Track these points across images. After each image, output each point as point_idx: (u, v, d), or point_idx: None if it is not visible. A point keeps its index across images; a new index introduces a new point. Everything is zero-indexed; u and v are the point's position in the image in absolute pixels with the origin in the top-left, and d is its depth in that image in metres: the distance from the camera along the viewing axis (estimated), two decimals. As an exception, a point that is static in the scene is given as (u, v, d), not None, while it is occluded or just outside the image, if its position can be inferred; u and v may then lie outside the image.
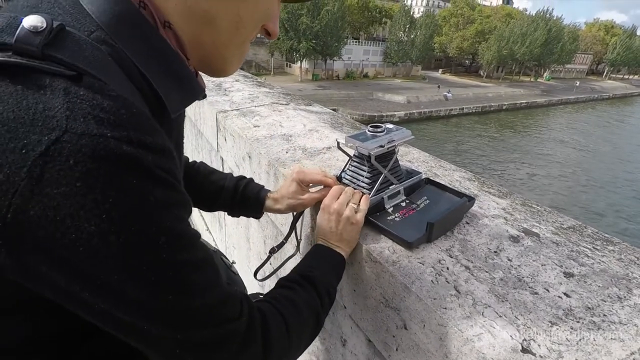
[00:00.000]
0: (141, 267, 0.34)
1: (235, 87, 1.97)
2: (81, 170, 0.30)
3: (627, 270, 0.64)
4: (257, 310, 0.48)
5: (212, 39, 0.46)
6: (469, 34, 47.80)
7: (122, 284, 0.34)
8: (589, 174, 21.64)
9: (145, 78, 0.41)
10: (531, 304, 0.55)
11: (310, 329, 0.58)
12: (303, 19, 33.48)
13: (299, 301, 0.56)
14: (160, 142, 0.36)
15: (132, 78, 0.39)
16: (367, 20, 48.81)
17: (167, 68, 0.43)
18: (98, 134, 0.31)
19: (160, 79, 0.42)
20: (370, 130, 0.78)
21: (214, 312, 0.41)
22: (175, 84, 0.44)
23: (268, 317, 0.49)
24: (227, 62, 0.50)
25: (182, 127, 0.57)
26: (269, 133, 1.26)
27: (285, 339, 0.51)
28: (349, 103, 30.79)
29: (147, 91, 0.42)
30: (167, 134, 0.39)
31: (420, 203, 0.79)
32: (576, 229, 0.76)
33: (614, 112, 45.01)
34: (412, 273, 0.61)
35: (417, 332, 0.58)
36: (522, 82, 53.91)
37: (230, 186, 0.82)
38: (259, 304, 0.52)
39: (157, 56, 0.42)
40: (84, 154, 0.30)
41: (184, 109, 0.49)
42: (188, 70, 0.46)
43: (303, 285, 0.59)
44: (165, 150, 0.37)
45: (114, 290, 0.34)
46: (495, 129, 30.45)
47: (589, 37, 71.00)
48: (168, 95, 0.43)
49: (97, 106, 0.32)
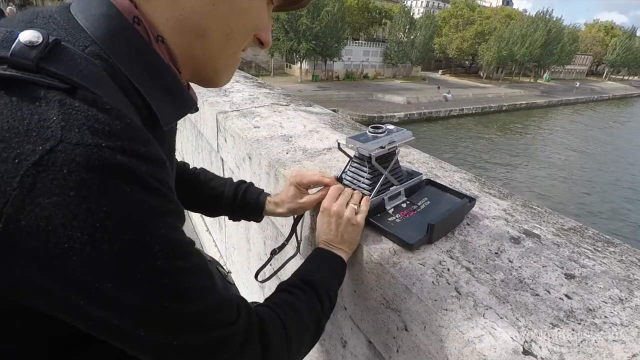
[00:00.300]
0: (136, 275, 0.34)
1: (235, 88, 1.97)
2: (75, 179, 0.30)
3: (629, 271, 0.64)
4: (255, 315, 0.48)
5: (203, 51, 0.47)
6: (469, 35, 47.84)
7: (117, 292, 0.34)
8: (589, 175, 21.64)
9: (138, 92, 0.42)
10: (532, 305, 0.55)
11: (310, 333, 0.58)
12: (303, 19, 33.52)
13: (300, 306, 0.56)
14: (153, 152, 0.37)
15: (126, 92, 0.40)
16: (367, 21, 48.87)
17: (160, 82, 0.44)
18: (93, 143, 0.31)
19: (154, 93, 0.43)
20: (370, 131, 0.78)
21: (210, 317, 0.41)
22: (168, 97, 0.45)
23: (267, 321, 0.49)
24: (218, 74, 0.51)
25: (173, 139, 0.58)
26: (269, 134, 1.26)
27: (284, 344, 0.51)
28: (348, 104, 30.81)
29: (140, 104, 0.42)
30: (159, 146, 0.39)
31: (421, 204, 0.78)
32: (577, 230, 0.76)
33: (615, 113, 45.03)
34: (413, 274, 0.61)
35: (417, 334, 0.58)
36: (522, 83, 53.96)
37: (230, 192, 0.83)
38: (258, 309, 0.52)
39: (151, 70, 0.43)
40: (78, 163, 0.31)
41: (175, 122, 0.50)
42: (180, 84, 0.47)
43: (304, 289, 0.59)
44: (159, 160, 0.37)
45: (108, 298, 0.34)
46: (495, 130, 30.47)
47: (588, 38, 71.08)
48: (161, 108, 0.44)
49: (92, 117, 0.32)
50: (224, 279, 0.82)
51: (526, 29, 46.71)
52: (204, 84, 0.53)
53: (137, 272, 0.34)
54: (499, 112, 37.45)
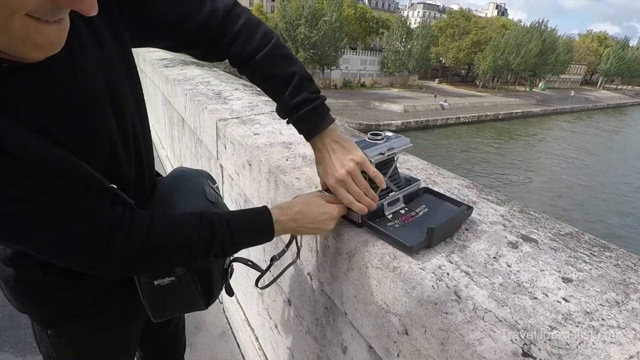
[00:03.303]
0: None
1: (234, 95, 1.99)
2: None
3: (624, 275, 0.65)
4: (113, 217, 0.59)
5: None
6: (465, 45, 48.42)
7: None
8: (586, 182, 21.78)
9: None
10: (531, 308, 0.55)
11: (180, 257, 0.67)
12: (301, 29, 33.86)
13: (187, 236, 0.65)
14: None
15: None
16: (365, 30, 49.44)
17: None
18: None
19: None
20: (370, 138, 0.79)
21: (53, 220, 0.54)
22: None
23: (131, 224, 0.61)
24: (15, 52, 0.46)
25: (63, 80, 0.56)
26: (268, 141, 1.27)
27: (137, 251, 0.61)
28: (346, 112, 30.98)
29: None
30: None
31: (419, 211, 0.79)
32: (574, 235, 0.78)
33: (609, 122, 45.46)
34: (413, 278, 0.62)
35: (418, 338, 0.58)
36: (517, 92, 54.49)
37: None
38: (143, 213, 0.64)
39: None
40: None
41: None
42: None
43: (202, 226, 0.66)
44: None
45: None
46: (492, 138, 30.68)
47: (582, 48, 72.07)
48: None
49: None
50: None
51: (521, 39, 47.33)
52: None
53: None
54: (495, 121, 37.74)
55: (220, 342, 1.89)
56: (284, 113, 0.77)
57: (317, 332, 1.00)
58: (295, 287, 1.13)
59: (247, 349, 1.74)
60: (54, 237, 0.55)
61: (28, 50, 0.46)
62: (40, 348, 0.82)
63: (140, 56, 4.20)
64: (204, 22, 0.71)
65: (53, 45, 0.47)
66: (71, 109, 0.56)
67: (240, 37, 0.73)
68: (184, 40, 0.73)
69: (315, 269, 0.90)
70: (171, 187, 0.84)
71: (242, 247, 0.70)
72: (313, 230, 0.75)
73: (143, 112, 0.74)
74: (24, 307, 0.74)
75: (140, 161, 0.74)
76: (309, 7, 34.19)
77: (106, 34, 0.62)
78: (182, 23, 0.70)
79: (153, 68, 3.30)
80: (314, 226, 0.73)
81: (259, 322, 1.56)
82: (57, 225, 0.55)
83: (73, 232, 0.56)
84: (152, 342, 1.09)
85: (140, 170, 0.74)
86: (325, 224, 0.73)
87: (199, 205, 0.81)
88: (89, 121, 0.59)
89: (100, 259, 0.59)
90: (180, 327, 1.18)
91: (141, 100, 0.73)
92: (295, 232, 0.79)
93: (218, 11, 0.72)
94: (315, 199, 0.75)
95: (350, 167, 0.72)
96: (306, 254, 0.92)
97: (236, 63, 0.77)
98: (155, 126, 4.19)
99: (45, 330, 0.78)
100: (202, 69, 2.98)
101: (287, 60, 0.76)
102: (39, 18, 0.43)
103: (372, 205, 0.73)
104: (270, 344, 1.45)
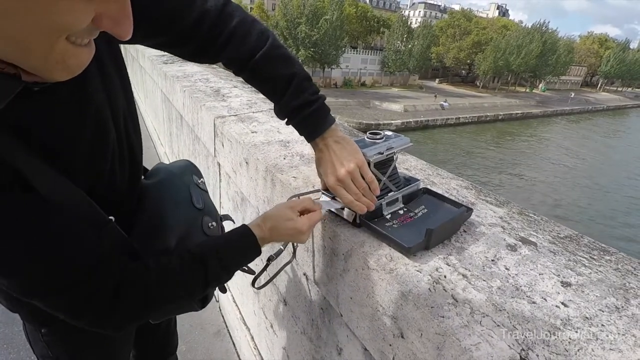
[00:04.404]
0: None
1: (233, 93, 1.97)
2: None
3: (624, 280, 0.64)
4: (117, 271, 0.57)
5: (13, 58, 0.42)
6: (466, 45, 48.34)
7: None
8: (587, 183, 21.81)
9: None
10: (529, 313, 0.54)
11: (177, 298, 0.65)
12: (302, 27, 33.78)
13: (178, 280, 0.63)
14: None
15: None
16: (365, 29, 49.32)
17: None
18: None
19: None
20: (369, 137, 0.78)
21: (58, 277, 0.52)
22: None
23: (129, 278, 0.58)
24: (44, 74, 0.46)
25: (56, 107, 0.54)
26: (266, 139, 1.26)
27: (142, 300, 0.60)
28: (346, 111, 30.93)
29: None
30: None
31: (418, 212, 0.78)
32: (573, 238, 0.76)
33: (610, 124, 45.50)
34: (410, 281, 0.61)
35: (414, 341, 0.57)
36: (517, 93, 54.46)
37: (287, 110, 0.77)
38: (139, 263, 0.61)
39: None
40: None
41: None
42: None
43: (192, 265, 0.64)
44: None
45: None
46: (492, 139, 30.68)
47: (583, 50, 72.04)
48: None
49: None
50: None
51: (522, 40, 47.28)
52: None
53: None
54: (495, 121, 37.73)
55: (216, 340, 1.88)
56: (284, 115, 0.76)
57: (312, 333, 0.99)
58: (291, 288, 1.12)
59: (242, 348, 1.73)
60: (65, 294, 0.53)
61: (58, 72, 0.46)
62: (35, 349, 0.80)
63: (139, 52, 4.18)
64: (195, 21, 0.68)
65: (81, 68, 0.47)
66: (80, 127, 0.56)
67: (235, 38, 0.71)
68: (174, 40, 0.71)
69: (311, 269, 0.88)
70: (158, 195, 0.79)
71: (235, 271, 0.70)
72: (289, 239, 0.75)
73: (134, 111, 0.72)
74: (15, 307, 0.73)
75: (133, 163, 0.72)
76: (310, 5, 34.10)
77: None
78: (172, 22, 0.67)
79: (152, 64, 3.27)
80: (288, 239, 0.74)
81: (255, 321, 1.55)
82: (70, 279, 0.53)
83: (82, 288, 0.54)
84: (144, 340, 1.08)
85: (132, 170, 0.72)
86: (295, 238, 0.73)
87: (187, 218, 0.78)
88: (98, 138, 0.59)
89: (102, 321, 0.58)
90: (172, 324, 1.18)
91: (131, 100, 0.71)
92: (274, 242, 0.77)
93: (209, 11, 0.69)
94: (285, 212, 0.72)
95: (350, 168, 0.71)
96: (302, 254, 0.91)
97: (232, 65, 0.75)
98: (153, 122, 4.17)
99: (39, 329, 0.77)
100: (201, 65, 2.96)
101: (286, 61, 0.74)
102: (74, 42, 0.43)
103: (370, 205, 0.73)
104: (266, 343, 1.44)
